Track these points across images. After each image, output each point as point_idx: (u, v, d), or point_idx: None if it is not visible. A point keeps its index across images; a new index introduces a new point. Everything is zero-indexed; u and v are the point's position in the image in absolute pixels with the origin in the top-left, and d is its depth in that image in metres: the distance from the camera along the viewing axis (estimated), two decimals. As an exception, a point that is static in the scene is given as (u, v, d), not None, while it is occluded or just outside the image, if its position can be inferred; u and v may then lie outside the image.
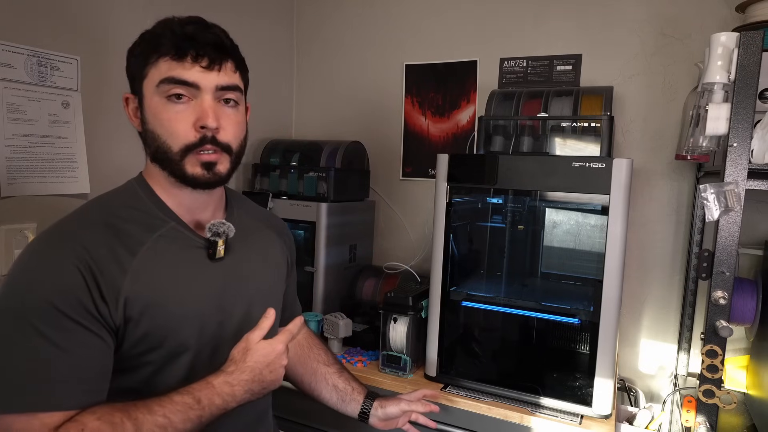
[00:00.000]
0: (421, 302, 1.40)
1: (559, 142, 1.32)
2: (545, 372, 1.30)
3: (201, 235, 0.81)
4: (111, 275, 0.69)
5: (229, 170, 0.78)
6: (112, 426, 0.64)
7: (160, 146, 0.74)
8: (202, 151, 0.74)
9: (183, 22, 0.75)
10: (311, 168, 1.69)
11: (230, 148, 0.77)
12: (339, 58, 2.03)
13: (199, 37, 0.73)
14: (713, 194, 1.02)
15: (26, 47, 1.20)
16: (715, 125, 1.03)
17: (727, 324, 1.03)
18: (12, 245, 1.19)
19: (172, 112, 0.73)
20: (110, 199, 0.79)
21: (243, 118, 0.81)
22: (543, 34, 1.70)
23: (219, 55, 0.75)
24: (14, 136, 1.18)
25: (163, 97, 0.73)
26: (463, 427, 1.27)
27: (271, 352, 0.76)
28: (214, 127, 0.74)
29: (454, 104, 1.83)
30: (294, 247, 1.06)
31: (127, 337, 0.71)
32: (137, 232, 0.75)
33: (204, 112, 0.73)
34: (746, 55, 1.00)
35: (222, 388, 0.71)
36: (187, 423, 0.68)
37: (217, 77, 0.74)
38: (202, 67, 0.73)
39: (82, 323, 0.67)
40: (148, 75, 0.74)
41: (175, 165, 0.75)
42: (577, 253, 1.33)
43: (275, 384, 0.78)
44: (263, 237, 0.94)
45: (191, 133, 0.73)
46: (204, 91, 0.74)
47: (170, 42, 0.73)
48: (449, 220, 1.33)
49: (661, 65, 1.56)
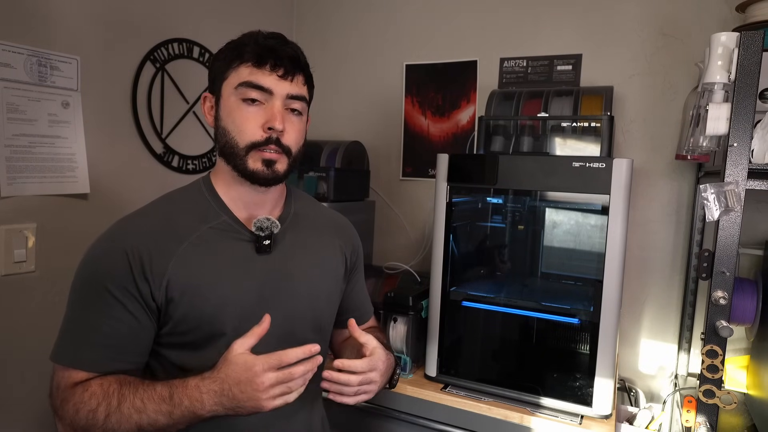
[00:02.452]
0: (421, 302, 1.40)
1: (559, 142, 1.32)
2: (545, 372, 1.30)
3: (251, 230, 0.86)
4: (158, 258, 0.78)
5: (286, 170, 0.86)
6: (105, 395, 0.73)
7: (229, 141, 0.83)
8: (266, 150, 0.82)
9: (266, 36, 0.84)
10: (311, 168, 1.69)
11: (290, 151, 0.85)
12: (339, 58, 2.03)
13: (278, 50, 0.82)
14: (713, 194, 1.02)
15: (26, 47, 1.20)
16: (715, 125, 1.03)
17: (727, 324, 1.03)
18: (12, 245, 1.19)
19: (246, 112, 0.82)
20: (176, 194, 0.89)
21: (304, 127, 0.89)
22: (543, 34, 1.70)
23: (293, 68, 0.84)
24: (14, 136, 1.18)
25: (239, 99, 0.82)
26: (463, 427, 1.27)
27: (246, 370, 0.70)
28: (280, 130, 0.82)
29: (454, 104, 1.83)
30: (359, 248, 1.07)
31: (169, 316, 0.79)
32: (190, 222, 0.83)
33: (273, 116, 0.81)
34: (746, 55, 1.00)
35: (192, 392, 0.72)
36: (159, 414, 0.72)
37: (289, 86, 0.83)
38: (278, 76, 0.82)
39: (122, 303, 0.76)
40: (228, 78, 0.83)
41: (239, 159, 0.82)
42: (577, 253, 1.33)
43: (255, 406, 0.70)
44: (320, 237, 0.97)
45: (258, 132, 0.82)
46: (276, 97, 0.82)
47: (253, 51, 0.81)
48: (449, 220, 1.33)
49: (661, 65, 1.56)
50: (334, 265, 0.98)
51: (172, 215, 0.83)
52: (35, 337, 1.23)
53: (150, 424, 0.72)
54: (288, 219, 0.92)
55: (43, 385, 1.23)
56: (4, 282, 1.19)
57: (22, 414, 1.25)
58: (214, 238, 0.83)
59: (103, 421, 0.72)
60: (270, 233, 0.86)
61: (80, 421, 0.73)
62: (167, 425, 0.72)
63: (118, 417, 0.72)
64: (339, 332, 1.06)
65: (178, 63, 1.59)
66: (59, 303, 0.77)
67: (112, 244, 0.79)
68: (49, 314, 1.20)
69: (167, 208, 0.85)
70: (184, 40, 1.60)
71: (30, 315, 1.24)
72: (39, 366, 1.01)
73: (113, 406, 0.72)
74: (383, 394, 1.34)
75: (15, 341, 1.22)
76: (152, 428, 0.72)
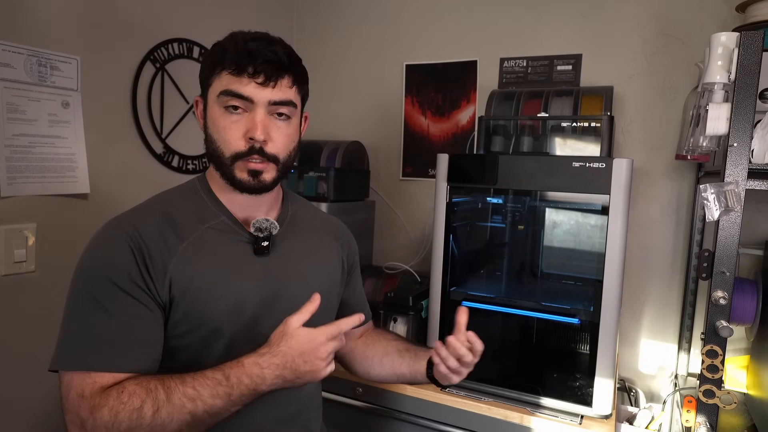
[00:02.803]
0: (421, 302, 1.40)
1: (559, 142, 1.32)
2: (545, 372, 1.30)
3: (249, 231, 0.86)
4: (160, 256, 0.77)
5: (275, 178, 0.84)
6: (147, 391, 0.70)
7: (215, 150, 0.82)
8: (251, 160, 0.81)
9: (247, 38, 0.80)
10: (311, 168, 1.69)
11: (277, 159, 0.83)
12: (339, 58, 2.03)
13: (258, 54, 0.78)
14: (713, 194, 1.02)
15: (26, 47, 1.20)
16: (715, 125, 1.03)
17: (727, 324, 1.03)
18: (12, 245, 1.19)
19: (228, 121, 0.80)
20: (171, 193, 0.88)
21: (294, 131, 0.87)
22: (543, 34, 1.70)
23: (275, 72, 0.80)
24: (14, 136, 1.18)
25: (222, 107, 0.80)
26: (463, 427, 1.27)
27: (309, 341, 0.74)
28: (262, 140, 0.80)
29: (454, 104, 1.83)
30: (356, 251, 1.07)
31: (170, 316, 0.78)
32: (189, 222, 0.82)
33: (254, 126, 0.79)
34: (746, 55, 1.00)
35: (251, 369, 0.72)
36: (216, 398, 0.70)
37: (271, 93, 0.80)
38: (257, 83, 0.79)
39: (133, 295, 0.74)
40: (212, 84, 0.82)
41: (225, 169, 0.82)
42: (577, 253, 1.33)
43: (313, 375, 0.75)
44: (317, 239, 0.97)
45: (241, 142, 0.80)
46: (257, 105, 0.80)
47: (232, 57, 0.79)
48: (449, 220, 1.33)
49: (661, 65, 1.56)
50: (332, 267, 0.98)
51: (170, 214, 0.82)
52: (35, 337, 1.23)
53: (206, 410, 0.70)
54: (286, 221, 0.92)
55: (43, 386, 1.24)
56: (4, 282, 1.19)
57: (23, 414, 1.25)
58: (214, 238, 0.83)
59: (152, 417, 0.68)
60: (269, 234, 0.86)
61: (122, 425, 0.68)
62: (223, 408, 0.71)
63: (169, 409, 0.69)
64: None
65: (178, 63, 1.59)
66: (59, 303, 0.76)
67: (112, 238, 0.77)
68: (49, 314, 1.20)
69: (164, 207, 0.83)
70: (184, 40, 1.60)
71: (30, 315, 1.24)
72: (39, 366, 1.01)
73: (161, 400, 0.69)
74: (383, 394, 1.34)
75: (15, 341, 1.22)
76: (207, 415, 0.70)
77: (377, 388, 1.33)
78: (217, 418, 0.72)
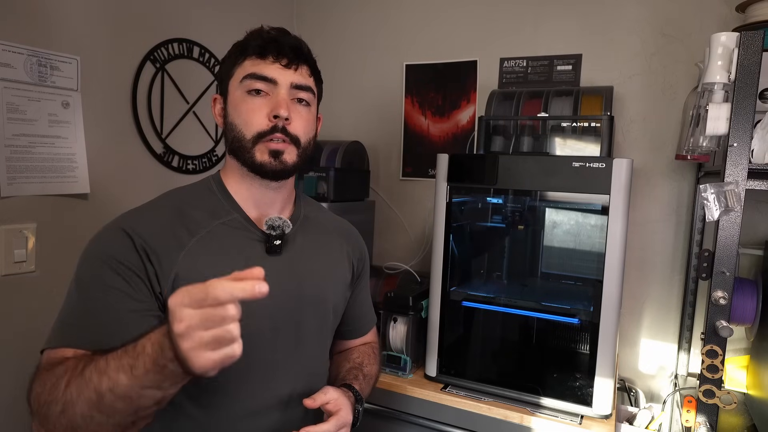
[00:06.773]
0: (421, 302, 1.40)
1: (559, 142, 1.32)
2: (545, 372, 1.30)
3: (261, 230, 0.85)
4: (168, 250, 0.76)
5: (295, 162, 0.84)
6: (76, 363, 0.64)
7: (236, 135, 0.82)
8: (272, 140, 0.81)
9: (269, 30, 0.85)
10: (311, 168, 1.69)
11: (299, 141, 0.84)
12: (339, 58, 2.03)
13: (281, 40, 0.83)
14: (713, 194, 1.02)
15: (26, 47, 1.20)
16: (715, 125, 1.03)
17: (727, 324, 1.03)
18: (12, 245, 1.19)
19: (251, 104, 0.81)
20: (184, 189, 0.88)
21: (313, 119, 0.88)
22: (543, 34, 1.70)
23: (297, 58, 0.83)
24: (14, 136, 1.18)
25: (245, 92, 0.82)
26: (463, 427, 1.27)
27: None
28: (285, 117, 0.81)
29: (454, 104, 1.83)
30: (365, 256, 1.06)
31: None
32: (201, 218, 0.82)
33: (278, 104, 0.81)
34: (746, 55, 1.00)
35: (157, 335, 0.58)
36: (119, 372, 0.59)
37: (293, 75, 0.83)
38: (281, 65, 0.82)
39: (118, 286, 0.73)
40: (234, 74, 0.83)
41: (246, 153, 0.82)
42: (577, 253, 1.33)
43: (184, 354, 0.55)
44: (328, 240, 0.96)
45: (264, 122, 0.81)
46: (280, 86, 0.82)
47: (256, 44, 0.82)
48: (449, 220, 1.33)
49: (661, 65, 1.56)
50: (342, 270, 0.97)
51: (182, 209, 0.82)
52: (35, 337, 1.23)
53: (110, 388, 0.58)
54: (298, 221, 0.91)
55: (43, 385, 1.24)
56: (4, 282, 1.19)
57: (23, 414, 1.25)
58: (225, 235, 0.82)
59: (63, 391, 0.61)
60: (281, 233, 0.85)
61: (41, 397, 0.62)
62: (128, 387, 0.58)
63: (78, 383, 0.60)
64: (339, 343, 1.05)
65: (178, 63, 1.59)
66: (59, 303, 0.76)
67: (117, 232, 0.76)
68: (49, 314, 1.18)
69: (176, 202, 0.83)
70: (184, 40, 1.60)
71: (30, 315, 1.24)
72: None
73: (77, 371, 0.61)
74: (383, 394, 1.34)
75: (15, 341, 1.22)
76: (112, 395, 0.59)
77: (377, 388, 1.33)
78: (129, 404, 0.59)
